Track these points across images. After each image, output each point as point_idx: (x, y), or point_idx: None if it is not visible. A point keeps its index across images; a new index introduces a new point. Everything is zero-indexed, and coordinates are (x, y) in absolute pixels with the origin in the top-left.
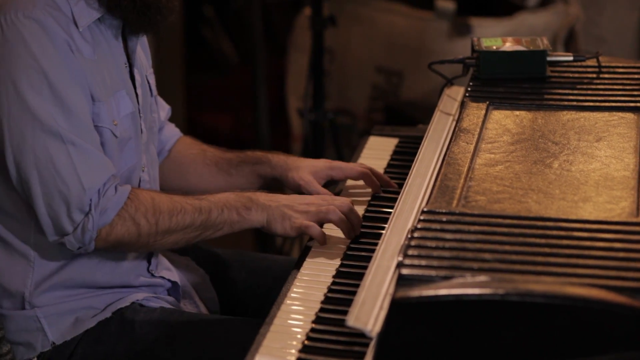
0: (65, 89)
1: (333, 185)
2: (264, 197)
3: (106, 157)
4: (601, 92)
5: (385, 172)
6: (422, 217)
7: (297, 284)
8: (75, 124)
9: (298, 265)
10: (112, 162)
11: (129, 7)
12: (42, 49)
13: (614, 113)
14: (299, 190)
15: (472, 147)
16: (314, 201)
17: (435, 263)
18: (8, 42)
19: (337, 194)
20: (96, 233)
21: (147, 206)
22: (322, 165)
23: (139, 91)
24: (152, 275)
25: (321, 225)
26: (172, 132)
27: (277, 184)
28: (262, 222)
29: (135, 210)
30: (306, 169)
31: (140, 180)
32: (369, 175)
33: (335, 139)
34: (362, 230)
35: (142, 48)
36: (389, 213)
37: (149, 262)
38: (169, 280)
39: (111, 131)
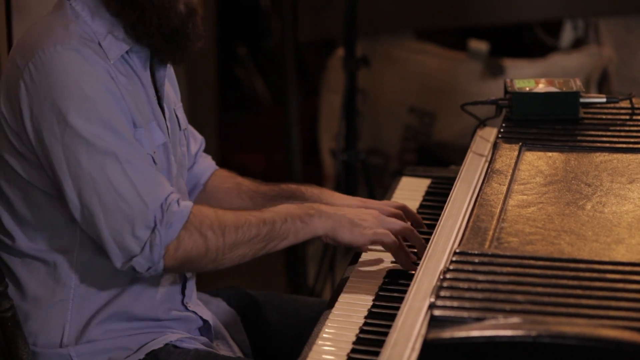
0: (112, 113)
1: None
2: (325, 207)
3: (162, 175)
4: (634, 134)
5: (418, 212)
6: (454, 258)
7: (329, 324)
8: (127, 144)
9: (330, 305)
10: None
11: (156, 34)
12: (85, 76)
13: None
14: None
15: (504, 188)
16: (379, 215)
17: (467, 304)
18: (49, 74)
19: None
20: (164, 249)
21: (211, 219)
22: (355, 203)
23: (168, 124)
24: (186, 308)
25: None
26: (207, 165)
27: None
28: (327, 229)
29: (201, 223)
30: (339, 204)
31: None
32: (400, 216)
33: (368, 180)
34: (394, 270)
35: (170, 82)
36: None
37: (183, 294)
38: (200, 317)
39: (152, 158)
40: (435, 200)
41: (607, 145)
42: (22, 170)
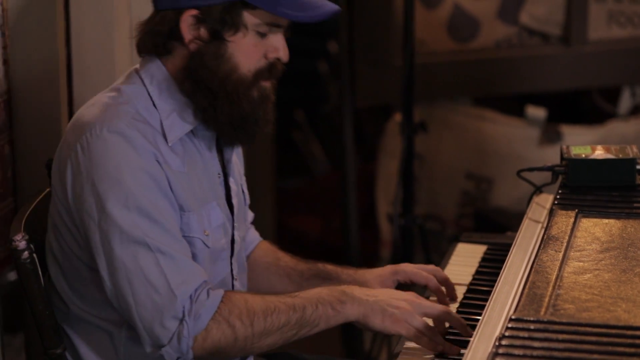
0: (151, 201)
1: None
2: (358, 291)
3: (197, 265)
4: None
5: (473, 279)
6: (510, 325)
7: None
8: (162, 233)
9: None
10: (208, 273)
11: (225, 122)
12: (127, 161)
13: None
14: None
15: (560, 255)
16: (414, 300)
17: None
18: (93, 156)
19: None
20: (192, 340)
21: (240, 308)
22: (387, 272)
23: (234, 201)
24: None
25: None
26: (252, 237)
27: None
28: (359, 316)
29: (229, 312)
30: (374, 280)
31: (233, 289)
32: (432, 281)
33: (424, 245)
34: (450, 337)
35: (238, 157)
36: (477, 320)
37: None
38: None
39: (202, 241)
40: (491, 267)
41: None
42: (71, 243)
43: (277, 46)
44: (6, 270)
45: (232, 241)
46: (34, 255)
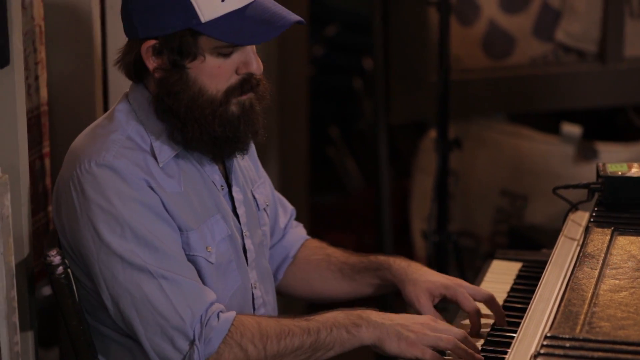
0: (147, 229)
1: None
2: (375, 315)
3: (203, 286)
4: None
5: (508, 296)
6: (545, 343)
7: None
8: (163, 258)
9: None
10: (215, 288)
11: (200, 141)
12: (118, 193)
13: None
14: (411, 305)
15: (596, 272)
16: (430, 323)
17: None
18: (85, 191)
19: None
20: None
21: (253, 331)
22: (440, 283)
23: (240, 211)
24: None
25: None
26: (297, 236)
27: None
28: (374, 340)
29: (241, 336)
30: (423, 284)
31: (253, 297)
32: (473, 316)
33: (459, 262)
34: (485, 354)
35: (251, 160)
36: (512, 337)
37: None
38: None
39: (205, 259)
40: (526, 284)
41: None
42: (77, 271)
43: (247, 61)
44: (40, 284)
45: (245, 250)
46: (69, 270)
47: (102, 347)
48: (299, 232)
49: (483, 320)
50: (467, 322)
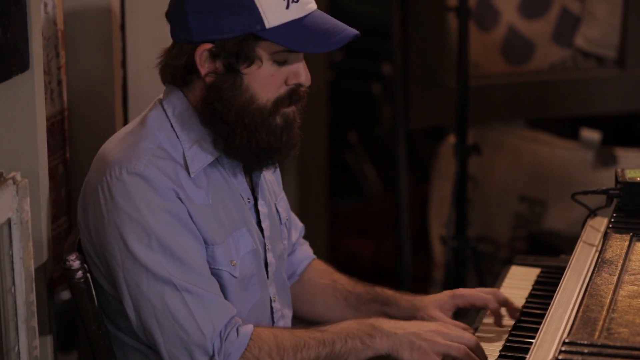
0: (174, 239)
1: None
2: (387, 324)
3: (224, 300)
4: None
5: (527, 302)
6: (563, 348)
7: None
8: (187, 271)
9: None
10: (235, 301)
11: (245, 152)
12: (147, 203)
13: None
14: None
15: (615, 278)
16: (442, 330)
17: None
18: (114, 198)
19: (477, 328)
20: None
21: (270, 345)
22: (445, 297)
23: (264, 224)
24: None
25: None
26: (304, 255)
27: None
28: (388, 349)
29: (259, 350)
30: (432, 305)
31: (272, 311)
32: (491, 301)
33: (477, 267)
34: (504, 353)
35: (274, 174)
36: (530, 343)
37: None
38: None
39: (230, 273)
40: (545, 290)
41: None
42: (99, 277)
43: (297, 72)
44: (60, 289)
45: (266, 264)
46: (88, 275)
47: (121, 354)
48: (306, 249)
49: (502, 328)
50: (488, 320)
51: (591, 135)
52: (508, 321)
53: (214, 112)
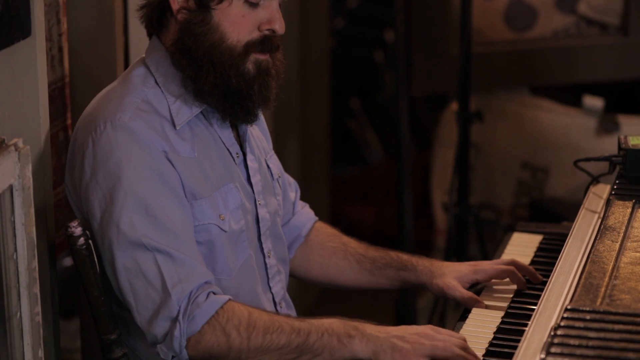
0: (153, 196)
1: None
2: (371, 328)
3: (200, 266)
4: None
5: None
6: (565, 315)
7: None
8: (161, 231)
9: None
10: (226, 258)
11: (213, 92)
12: (128, 157)
13: None
14: (443, 294)
15: (617, 245)
16: (427, 332)
17: None
18: (98, 153)
19: (479, 291)
20: (185, 341)
21: (240, 319)
22: (467, 270)
23: (254, 179)
24: None
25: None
26: (307, 216)
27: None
28: (368, 353)
29: (227, 321)
30: (451, 274)
31: (267, 266)
32: (513, 273)
33: (479, 234)
34: (505, 327)
35: (262, 133)
36: (532, 310)
37: None
38: None
39: (218, 226)
40: (547, 257)
41: None
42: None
43: (270, 17)
44: (62, 256)
45: (258, 220)
46: (90, 241)
47: (126, 333)
48: (307, 212)
49: (504, 287)
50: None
51: (594, 102)
52: (512, 286)
53: (184, 49)
